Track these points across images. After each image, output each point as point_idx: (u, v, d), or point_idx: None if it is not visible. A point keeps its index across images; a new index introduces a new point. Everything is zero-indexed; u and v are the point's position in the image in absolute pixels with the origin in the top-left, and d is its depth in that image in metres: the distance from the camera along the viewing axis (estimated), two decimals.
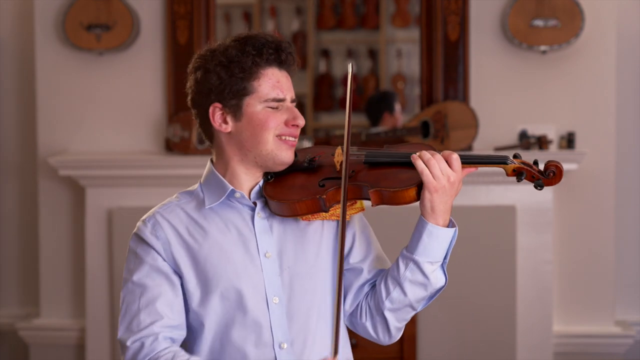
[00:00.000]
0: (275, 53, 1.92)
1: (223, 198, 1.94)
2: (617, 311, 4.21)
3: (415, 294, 1.94)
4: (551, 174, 2.00)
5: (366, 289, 2.01)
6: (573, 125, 4.09)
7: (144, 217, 1.98)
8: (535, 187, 1.97)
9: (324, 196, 1.90)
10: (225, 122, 1.93)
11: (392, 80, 4.71)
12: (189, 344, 1.96)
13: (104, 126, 4.23)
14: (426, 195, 1.88)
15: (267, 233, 1.95)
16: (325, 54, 4.82)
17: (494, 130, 4.08)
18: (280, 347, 1.91)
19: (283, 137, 1.93)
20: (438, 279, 1.94)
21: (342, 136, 4.06)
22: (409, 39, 4.63)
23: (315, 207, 1.92)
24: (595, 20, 4.03)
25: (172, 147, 4.11)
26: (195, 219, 1.95)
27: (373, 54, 4.80)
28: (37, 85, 4.22)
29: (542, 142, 4.00)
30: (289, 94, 1.94)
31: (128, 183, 4.10)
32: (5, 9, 4.39)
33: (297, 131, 1.95)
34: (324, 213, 1.93)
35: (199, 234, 1.93)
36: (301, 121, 1.94)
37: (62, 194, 4.25)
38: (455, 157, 1.89)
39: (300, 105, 4.74)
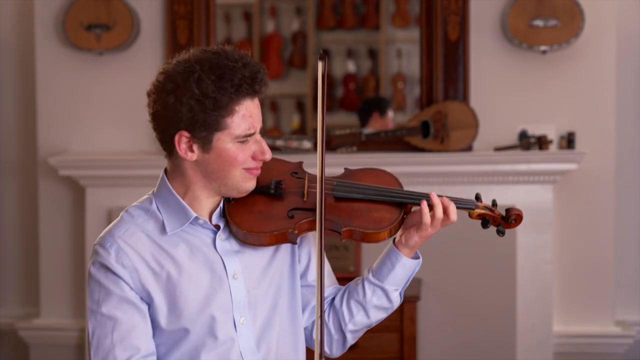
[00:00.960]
0: (250, 86, 1.83)
1: (186, 225, 1.89)
2: (617, 311, 4.21)
3: (377, 316, 2.02)
4: (512, 221, 2.03)
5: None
6: (573, 125, 4.09)
7: (101, 242, 1.88)
8: (498, 233, 2.03)
9: (296, 231, 1.87)
10: (192, 150, 1.86)
11: (392, 80, 4.71)
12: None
13: (104, 126, 4.23)
14: (414, 236, 1.95)
15: (231, 254, 1.92)
16: (325, 54, 4.82)
17: (494, 130, 4.08)
18: None
19: (249, 170, 1.89)
20: (398, 301, 2.02)
21: (341, 136, 4.06)
22: (409, 39, 4.63)
23: (284, 240, 1.89)
24: (595, 20, 4.03)
25: None
26: (159, 244, 1.89)
27: (373, 54, 4.80)
28: (37, 85, 4.22)
29: (542, 142, 4.00)
30: (258, 124, 1.88)
31: (128, 183, 4.10)
32: (5, 9, 4.39)
33: (262, 162, 1.90)
34: (291, 244, 1.92)
35: (166, 261, 1.88)
36: (268, 156, 1.89)
37: (62, 194, 4.25)
38: (453, 209, 1.98)
39: (300, 105, 4.75)
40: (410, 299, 3.79)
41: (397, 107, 4.69)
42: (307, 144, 4.03)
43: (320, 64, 1.88)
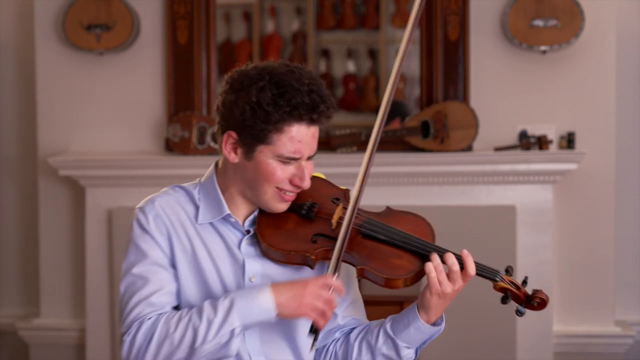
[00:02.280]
0: (308, 113, 1.84)
1: (217, 219, 1.94)
2: (617, 311, 4.21)
3: None
4: (535, 304, 1.96)
5: (337, 335, 2.03)
6: (573, 125, 4.09)
7: (142, 206, 1.96)
8: (517, 313, 1.95)
9: (313, 256, 1.87)
10: (235, 152, 1.89)
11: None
12: None
13: (104, 126, 4.23)
14: (427, 294, 1.90)
15: (254, 258, 1.94)
16: (325, 54, 4.81)
17: (494, 130, 4.08)
18: None
19: (283, 191, 1.90)
20: (409, 357, 1.99)
21: (341, 136, 4.06)
22: None
23: (300, 262, 1.90)
24: (595, 20, 4.03)
25: (172, 147, 4.11)
26: (194, 225, 1.94)
27: (373, 54, 4.80)
28: (37, 85, 4.22)
29: (542, 142, 4.00)
30: (307, 152, 1.88)
31: (128, 183, 4.10)
32: (5, 9, 4.39)
33: (300, 189, 1.91)
34: (309, 267, 1.91)
35: (196, 240, 1.93)
36: (306, 185, 1.89)
37: (62, 194, 4.25)
38: (471, 267, 1.93)
39: None
40: (410, 299, 3.79)
41: None
42: None
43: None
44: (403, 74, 4.67)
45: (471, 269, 1.94)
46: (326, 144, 4.08)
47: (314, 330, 1.83)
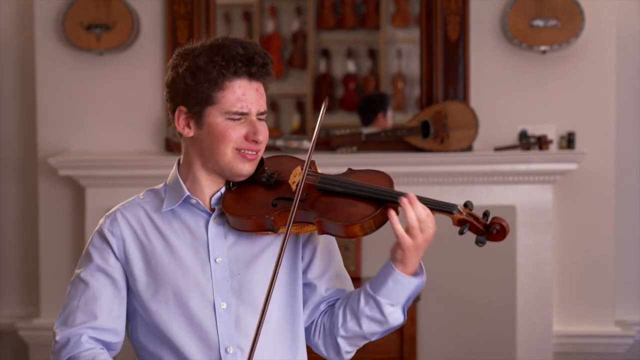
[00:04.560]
0: (245, 66, 1.88)
1: (178, 204, 1.95)
2: (617, 311, 4.21)
3: (371, 328, 1.95)
4: (494, 231, 1.90)
5: (322, 307, 2.02)
6: (573, 125, 4.09)
7: (108, 213, 2.00)
8: (477, 243, 1.89)
9: (272, 217, 1.89)
10: (189, 126, 1.92)
11: (392, 80, 4.70)
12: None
13: (104, 126, 4.23)
14: (398, 250, 1.87)
15: (220, 238, 1.95)
16: (325, 54, 4.82)
17: (494, 130, 4.08)
18: (226, 351, 1.91)
19: (242, 151, 1.91)
20: (396, 318, 1.94)
21: (341, 136, 4.06)
22: (409, 39, 4.63)
23: (263, 227, 1.91)
24: (595, 20, 4.03)
25: (172, 147, 4.11)
26: (154, 220, 1.96)
27: (373, 54, 4.80)
28: (37, 85, 4.22)
29: (542, 142, 4.00)
30: (255, 107, 1.90)
31: (128, 183, 4.10)
32: (5, 9, 4.39)
33: (258, 146, 1.92)
34: (272, 232, 1.92)
35: (154, 236, 1.95)
36: (261, 137, 1.91)
37: (62, 194, 4.25)
38: (422, 212, 1.85)
39: (300, 105, 4.75)
40: None
41: (397, 107, 4.69)
42: (307, 144, 4.03)
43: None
44: (403, 74, 4.67)
45: (429, 220, 1.86)
46: (326, 144, 4.08)
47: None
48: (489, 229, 1.90)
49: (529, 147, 4.01)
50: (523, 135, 4.05)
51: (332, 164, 3.83)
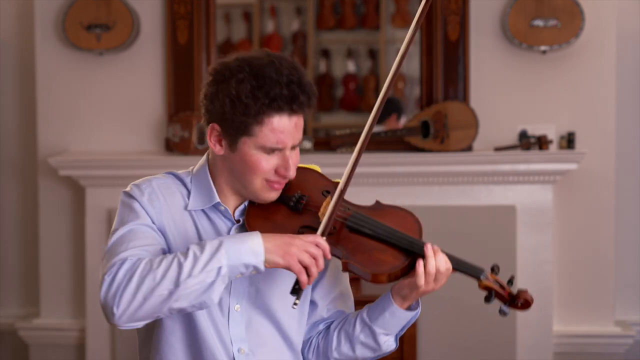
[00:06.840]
0: (287, 105, 1.83)
1: (207, 207, 1.93)
2: (617, 311, 4.21)
3: (364, 354, 2.00)
4: (519, 304, 1.94)
5: (321, 327, 2.03)
6: (573, 125, 4.09)
7: (138, 184, 1.94)
8: (500, 312, 1.94)
9: None
10: (220, 144, 1.88)
11: None
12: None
13: (104, 126, 4.23)
14: (405, 288, 1.91)
15: None
16: (325, 54, 4.82)
17: (494, 130, 4.08)
18: (239, 351, 1.91)
19: (271, 182, 1.89)
20: (389, 345, 2.00)
21: (341, 136, 4.06)
22: None
23: None
24: (595, 20, 4.03)
25: (172, 147, 4.11)
26: (183, 210, 1.93)
27: (373, 54, 4.80)
28: (37, 85, 4.22)
29: (542, 142, 4.00)
30: (290, 142, 1.86)
31: (128, 183, 4.09)
32: (5, 9, 4.39)
33: (287, 179, 1.89)
34: None
35: (182, 225, 1.92)
36: (291, 174, 1.88)
37: (62, 194, 4.25)
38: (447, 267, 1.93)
39: None
40: None
41: None
42: (307, 144, 4.03)
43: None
44: (403, 74, 4.68)
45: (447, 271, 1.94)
46: (326, 144, 4.08)
47: (297, 289, 1.79)
48: (515, 300, 1.94)
49: (529, 147, 4.01)
50: (523, 135, 4.05)
51: (332, 164, 3.82)
